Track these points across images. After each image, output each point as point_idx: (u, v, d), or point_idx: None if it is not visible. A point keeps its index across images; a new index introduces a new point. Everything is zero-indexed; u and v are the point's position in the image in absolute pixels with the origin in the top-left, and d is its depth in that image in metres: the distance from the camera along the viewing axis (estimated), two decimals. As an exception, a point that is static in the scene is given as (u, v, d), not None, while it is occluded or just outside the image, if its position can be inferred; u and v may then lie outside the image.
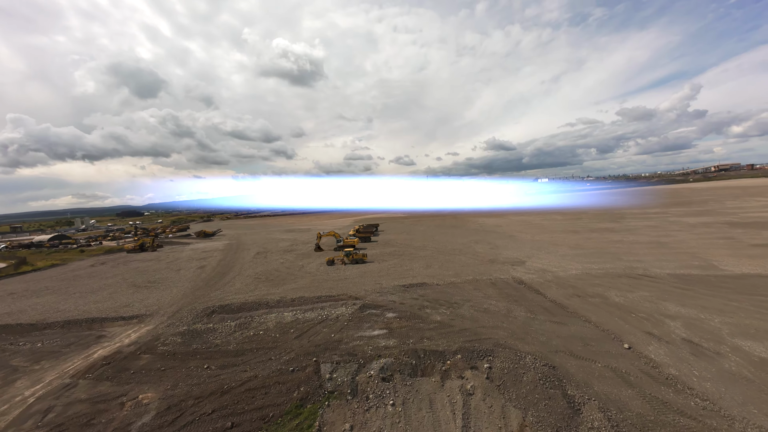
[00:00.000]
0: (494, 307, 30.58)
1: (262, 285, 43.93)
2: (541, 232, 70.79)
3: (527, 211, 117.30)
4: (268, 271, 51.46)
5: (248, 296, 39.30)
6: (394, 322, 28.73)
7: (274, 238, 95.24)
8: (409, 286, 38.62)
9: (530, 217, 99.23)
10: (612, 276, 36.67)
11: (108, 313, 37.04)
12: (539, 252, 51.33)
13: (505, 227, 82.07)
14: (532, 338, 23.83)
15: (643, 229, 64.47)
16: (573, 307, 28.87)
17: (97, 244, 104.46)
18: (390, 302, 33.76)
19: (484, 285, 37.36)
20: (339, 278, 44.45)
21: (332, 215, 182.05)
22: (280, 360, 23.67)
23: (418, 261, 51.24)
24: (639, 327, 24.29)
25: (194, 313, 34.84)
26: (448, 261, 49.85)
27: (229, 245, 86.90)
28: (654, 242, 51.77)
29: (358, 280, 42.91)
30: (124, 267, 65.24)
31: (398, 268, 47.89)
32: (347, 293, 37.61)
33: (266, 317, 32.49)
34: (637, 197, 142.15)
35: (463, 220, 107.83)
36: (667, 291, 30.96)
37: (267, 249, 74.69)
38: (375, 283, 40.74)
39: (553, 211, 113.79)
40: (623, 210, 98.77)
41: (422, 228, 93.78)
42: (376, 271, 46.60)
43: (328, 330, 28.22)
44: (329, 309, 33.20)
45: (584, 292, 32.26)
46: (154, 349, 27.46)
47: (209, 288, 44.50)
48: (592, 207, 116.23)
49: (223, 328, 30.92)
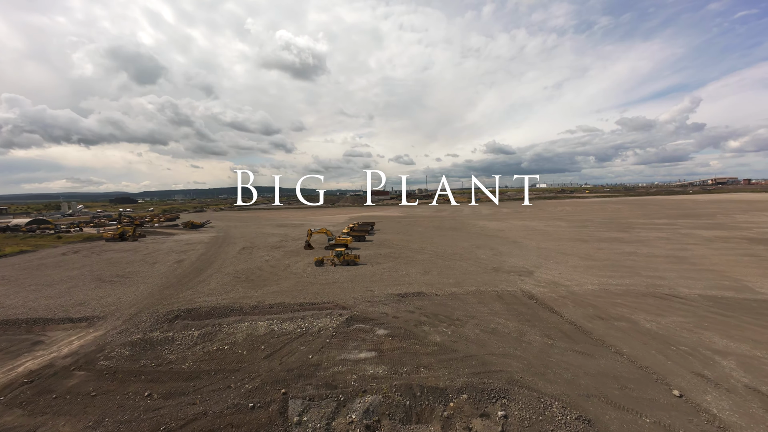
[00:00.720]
0: (503, 327, 25.96)
1: (241, 286, 39.04)
2: (546, 239, 66.39)
3: (529, 215, 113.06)
4: (249, 270, 46.53)
5: (222, 299, 34.41)
6: (385, 342, 24.01)
7: (264, 232, 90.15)
8: (404, 296, 33.92)
9: (533, 223, 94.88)
10: (635, 295, 32.18)
11: (56, 312, 31.98)
12: (547, 261, 46.83)
13: (508, 232, 77.62)
14: (555, 374, 19.22)
15: (655, 240, 60.24)
16: (597, 333, 24.31)
17: (77, 231, 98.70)
18: (382, 315, 29.03)
19: (490, 298, 32.74)
20: (326, 282, 39.66)
21: (328, 211, 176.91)
22: (241, 389, 18.86)
23: (415, 265, 46.57)
24: (685, 365, 19.74)
25: (155, 318, 29.91)
26: (448, 267, 45.21)
27: (216, 238, 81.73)
28: (671, 256, 47.46)
29: (347, 285, 38.15)
30: (97, 257, 59.98)
31: (393, 272, 43.17)
32: (334, 301, 32.84)
33: (237, 327, 27.65)
34: (640, 207, 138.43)
35: (463, 222, 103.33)
36: (705, 317, 26.50)
37: (254, 244, 69.67)
38: (366, 290, 36.00)
39: (557, 217, 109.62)
40: (629, 219, 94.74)
41: (420, 229, 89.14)
42: (369, 276, 41.85)
43: (306, 349, 23.44)
44: (311, 320, 28.43)
45: (607, 314, 27.72)
46: (93, 364, 22.55)
47: (181, 286, 39.52)
48: (596, 215, 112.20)
49: (184, 338, 26.05)
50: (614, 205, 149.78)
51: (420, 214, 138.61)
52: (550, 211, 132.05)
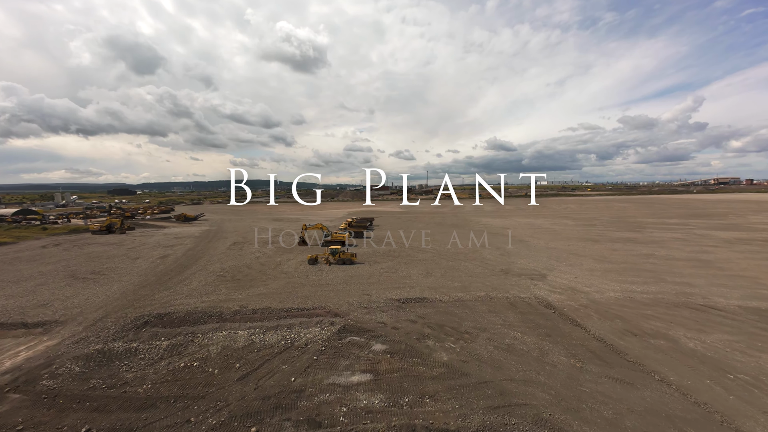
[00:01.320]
0: (521, 343, 22.22)
1: (225, 286, 35.24)
2: (554, 238, 62.59)
3: (533, 212, 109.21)
4: (237, 268, 42.71)
5: (201, 302, 30.62)
6: (382, 361, 20.25)
7: (259, 227, 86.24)
8: (404, 301, 30.15)
9: (538, 221, 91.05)
10: (666, 305, 28.43)
11: (12, 315, 28.17)
12: (560, 263, 43.05)
13: (513, 230, 73.79)
14: (592, 410, 15.49)
15: (671, 242, 56.47)
16: (633, 354, 20.57)
17: (65, 222, 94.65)
18: (379, 325, 25.27)
19: (501, 306, 28.98)
20: (319, 283, 35.87)
21: (326, 205, 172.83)
22: (202, 426, 15.11)
23: (417, 266, 42.78)
24: (752, 402, 16.03)
25: (121, 324, 26.14)
26: (453, 268, 41.43)
27: (207, 232, 77.84)
28: (694, 259, 43.70)
29: (342, 287, 34.37)
30: (78, 251, 56.11)
31: (392, 273, 39.39)
32: (326, 306, 29.07)
33: (212, 337, 23.90)
34: (646, 206, 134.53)
35: (465, 219, 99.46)
36: (755, 335, 22.77)
37: (246, 239, 65.80)
38: (362, 294, 32.23)
39: (562, 215, 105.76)
40: (638, 219, 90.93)
41: (421, 225, 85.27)
42: (366, 277, 38.08)
43: (288, 368, 19.68)
44: (298, 329, 24.69)
45: (639, 329, 23.98)
46: (33, 384, 18.78)
47: (159, 286, 35.72)
48: (602, 213, 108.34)
49: (149, 350, 22.29)
50: (619, 204, 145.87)
51: (420, 210, 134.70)
52: (554, 209, 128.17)
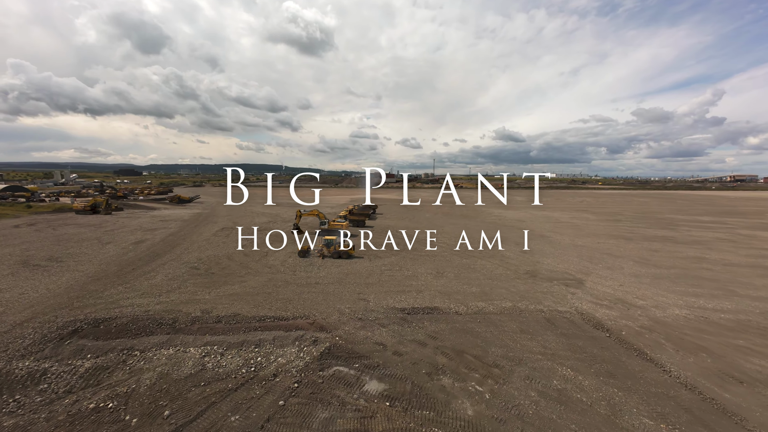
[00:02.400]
0: (576, 388, 15.47)
1: (193, 282, 28.91)
2: (579, 234, 55.21)
3: (546, 205, 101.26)
4: (216, 258, 36.37)
5: (157, 302, 24.33)
6: (378, 415, 13.68)
7: (255, 211, 79.92)
8: (410, 312, 23.51)
9: (555, 214, 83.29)
10: (760, 331, 21.34)
11: None
12: (595, 265, 35.95)
13: (530, 224, 66.39)
14: None
15: (716, 243, 48.80)
16: (754, 419, 13.71)
17: (53, 200, 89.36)
18: (376, 348, 18.69)
19: (536, 323, 22.19)
20: (307, 282, 29.35)
21: (329, 191, 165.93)
22: None
23: (425, 263, 36.02)
24: None
25: (44, 331, 19.95)
26: (468, 267, 34.60)
27: (198, 215, 71.71)
28: (759, 266, 36.25)
29: (334, 288, 27.81)
30: (51, 232, 50.29)
31: (396, 272, 32.70)
32: (310, 315, 22.57)
33: (152, 357, 17.56)
34: (668, 202, 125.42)
35: (475, 210, 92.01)
36: None
37: (237, 224, 59.48)
38: (358, 298, 25.65)
39: (580, 208, 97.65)
40: (665, 215, 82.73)
41: (428, 215, 78.18)
42: (365, 275, 31.46)
43: (239, 422, 13.22)
44: (269, 349, 18.26)
45: (740, 370, 17.03)
46: None
47: (116, 278, 29.52)
48: (623, 207, 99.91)
49: (60, 376, 16.02)
50: (638, 198, 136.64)
51: (426, 199, 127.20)
52: (569, 202, 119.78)
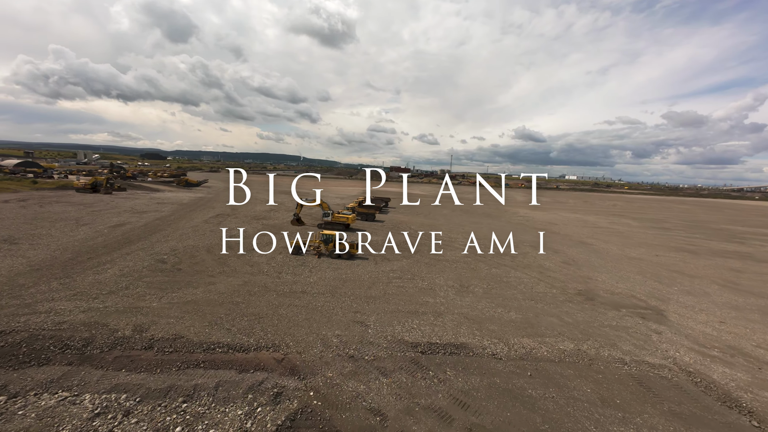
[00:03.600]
0: None
1: (146, 281, 22.33)
2: (626, 242, 45.86)
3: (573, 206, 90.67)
4: (192, 250, 29.85)
5: (83, 309, 17.80)
6: None
7: (259, 198, 73.93)
8: (426, 350, 15.94)
9: (589, 217, 73.20)
10: None
11: None
12: (667, 286, 27.17)
13: (563, 227, 57.17)
14: None
15: (807, 263, 38.53)
16: None
17: (61, 178, 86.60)
18: (372, 420, 11.24)
19: (622, 387, 14.19)
20: (291, 289, 22.22)
21: (342, 182, 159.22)
22: None
23: (444, 270, 28.26)
24: None
25: None
26: (499, 280, 26.61)
27: (199, 199, 66.26)
28: None
29: (324, 301, 20.55)
30: (35, 209, 45.54)
31: (407, 281, 25.12)
32: (282, 343, 15.40)
33: (16, 413, 10.78)
34: (714, 210, 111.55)
35: (498, 209, 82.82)
36: None
37: (234, 212, 53.35)
38: (354, 320, 18.30)
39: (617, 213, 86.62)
40: (720, 225, 71.17)
41: (445, 212, 69.90)
42: (367, 283, 24.06)
43: None
44: (200, 408, 11.15)
45: None
46: None
47: (59, 270, 23.35)
48: (665, 214, 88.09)
49: None
50: (678, 205, 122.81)
51: (444, 195, 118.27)
52: (600, 205, 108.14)
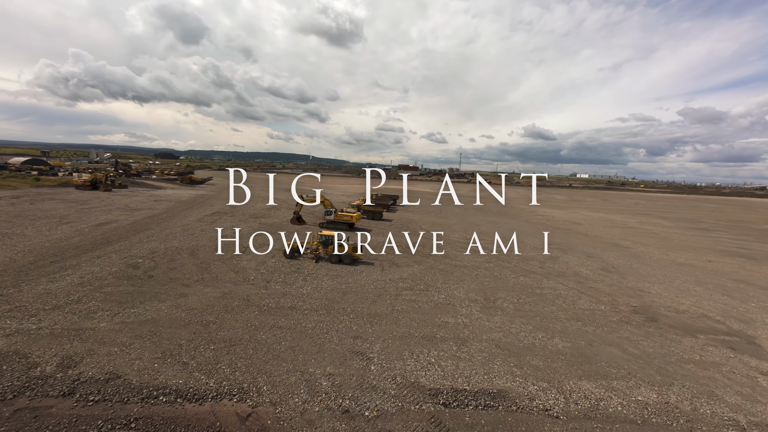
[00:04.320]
0: None
1: (105, 292, 18.35)
2: (667, 245, 40.22)
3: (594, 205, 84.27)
4: (173, 253, 25.91)
5: (4, 333, 13.83)
6: None
7: (262, 195, 70.31)
8: (450, 402, 11.30)
9: (614, 216, 67.05)
10: None
11: None
12: (742, 303, 21.87)
13: (589, 227, 51.58)
14: None
15: None
16: None
17: (66, 175, 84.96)
18: None
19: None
20: (278, 304, 17.89)
21: (349, 180, 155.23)
22: None
23: (464, 279, 23.54)
24: None
25: None
26: (532, 292, 21.75)
27: (199, 197, 62.97)
28: None
29: (316, 321, 16.13)
30: (24, 206, 42.70)
31: (420, 293, 20.51)
32: (251, 389, 10.98)
33: None
34: (747, 210, 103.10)
35: (514, 207, 77.26)
36: None
37: (233, 210, 49.65)
38: (351, 348, 13.81)
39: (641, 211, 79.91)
40: (762, 226, 64.15)
41: (458, 210, 64.90)
42: (371, 296, 19.56)
43: None
44: None
45: None
46: None
47: (11, 276, 19.60)
48: (695, 213, 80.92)
49: None
50: (707, 204, 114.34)
51: (455, 192, 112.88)
52: (622, 204, 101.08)
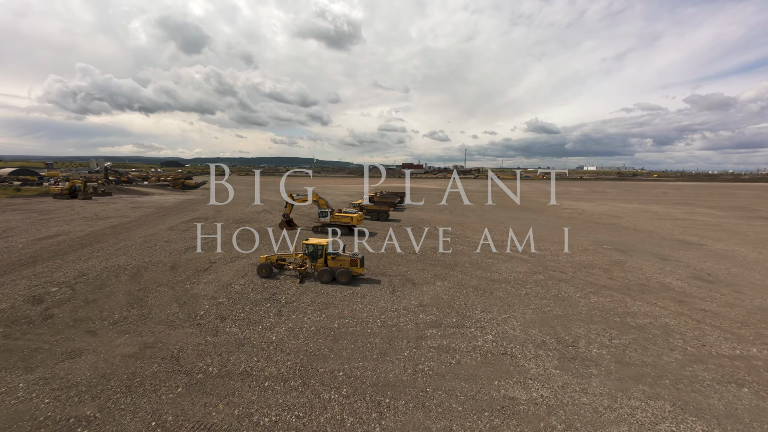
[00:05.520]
0: None
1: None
2: (743, 239, 32.12)
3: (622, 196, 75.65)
4: (103, 275, 18.84)
5: None
6: None
7: (252, 197, 63.42)
8: None
9: (650, 207, 58.57)
10: None
11: None
12: None
13: (632, 220, 43.50)
14: None
15: None
16: None
17: (50, 185, 79.38)
18: None
19: None
20: (222, 369, 10.56)
21: (352, 180, 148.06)
22: None
23: (511, 303, 16.00)
24: None
25: None
26: (625, 328, 14.12)
27: (185, 202, 56.32)
28: None
29: (283, 402, 8.74)
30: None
31: (452, 335, 13.00)
32: None
33: None
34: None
35: (534, 201, 69.13)
36: None
37: (216, 215, 42.74)
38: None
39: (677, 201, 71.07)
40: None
41: (474, 206, 57.17)
42: (379, 342, 12.12)
43: None
44: None
45: None
46: None
47: None
48: (738, 201, 71.82)
49: None
50: (740, 191, 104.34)
51: (465, 188, 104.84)
52: (648, 193, 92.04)
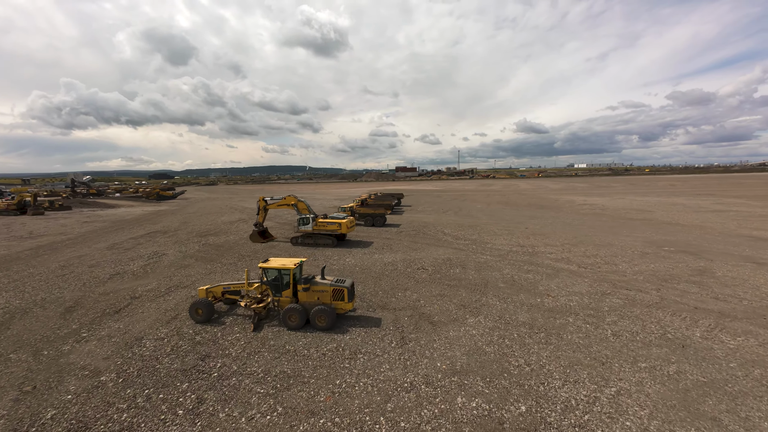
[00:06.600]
0: None
1: None
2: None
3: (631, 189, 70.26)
4: None
5: None
6: None
7: (232, 206, 56.12)
8: None
9: (672, 199, 52.86)
10: None
11: None
12: None
13: (666, 214, 37.45)
14: None
15: None
16: None
17: (9, 200, 71.05)
18: None
19: None
20: None
21: (345, 184, 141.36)
22: None
23: (597, 357, 9.25)
24: None
25: None
26: None
27: (151, 214, 48.77)
28: None
29: None
30: None
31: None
32: None
33: None
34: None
35: (542, 197, 63.04)
36: None
37: (181, 226, 35.42)
38: None
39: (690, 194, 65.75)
40: None
41: (479, 206, 50.77)
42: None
43: None
44: None
45: None
46: None
47: None
48: (749, 191, 66.82)
49: None
50: (747, 180, 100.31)
51: (463, 188, 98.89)
52: (656, 186, 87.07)
